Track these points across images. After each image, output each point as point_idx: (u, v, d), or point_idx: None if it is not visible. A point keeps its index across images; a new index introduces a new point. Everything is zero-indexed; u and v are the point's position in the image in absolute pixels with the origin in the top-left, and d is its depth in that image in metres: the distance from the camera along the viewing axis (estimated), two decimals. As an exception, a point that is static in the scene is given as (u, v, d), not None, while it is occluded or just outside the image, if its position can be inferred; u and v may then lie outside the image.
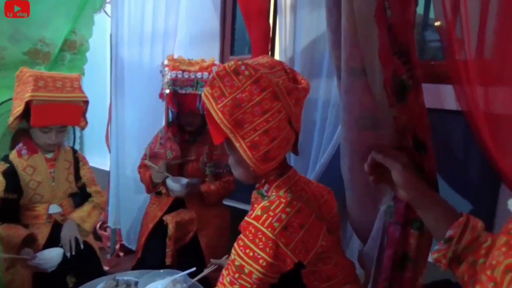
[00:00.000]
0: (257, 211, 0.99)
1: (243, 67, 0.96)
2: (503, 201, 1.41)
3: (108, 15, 2.54)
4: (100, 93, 3.00)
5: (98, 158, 3.03)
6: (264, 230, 0.95)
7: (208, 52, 2.25)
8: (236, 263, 0.96)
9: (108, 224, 2.69)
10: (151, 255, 1.91)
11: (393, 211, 0.84)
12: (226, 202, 2.17)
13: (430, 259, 0.78)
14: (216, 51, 2.41)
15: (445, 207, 0.75)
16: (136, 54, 2.36)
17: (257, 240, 0.95)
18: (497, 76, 1.32)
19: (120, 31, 2.33)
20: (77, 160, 1.95)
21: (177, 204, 2.03)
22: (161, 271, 1.48)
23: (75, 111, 1.81)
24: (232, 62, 0.97)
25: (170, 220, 1.92)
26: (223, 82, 0.97)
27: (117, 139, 2.49)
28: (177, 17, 2.24)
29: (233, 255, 0.98)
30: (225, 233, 2.07)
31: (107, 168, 2.74)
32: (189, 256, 1.93)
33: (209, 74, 1.86)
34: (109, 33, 2.47)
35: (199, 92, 1.87)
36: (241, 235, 0.99)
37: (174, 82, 1.87)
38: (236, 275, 0.95)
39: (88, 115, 1.93)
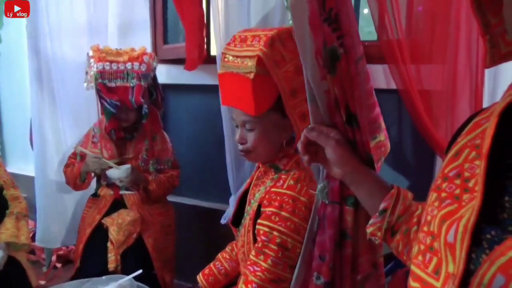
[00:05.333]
0: (289, 181, 0.96)
1: None
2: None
3: None
4: (19, 91, 2.70)
5: (22, 164, 2.75)
6: (303, 199, 0.93)
7: (138, 42, 2.10)
8: (277, 240, 0.91)
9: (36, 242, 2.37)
10: (91, 262, 1.78)
11: (328, 190, 0.83)
12: (170, 198, 2.09)
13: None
14: (147, 41, 2.27)
15: (377, 181, 0.75)
16: (59, 48, 2.14)
17: (296, 211, 0.92)
18: (427, 54, 1.39)
19: (40, 22, 2.09)
20: None
21: (117, 205, 1.90)
22: (103, 277, 1.37)
23: None
24: None
25: (111, 222, 1.80)
26: (284, 45, 0.89)
27: (41, 140, 2.23)
28: (107, 7, 2.08)
29: (269, 234, 0.92)
30: (171, 231, 1.99)
31: (32, 174, 2.48)
32: (135, 259, 1.81)
33: (140, 64, 1.75)
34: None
35: (131, 85, 1.75)
36: (272, 210, 0.94)
37: (102, 74, 1.73)
38: (280, 254, 0.91)
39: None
